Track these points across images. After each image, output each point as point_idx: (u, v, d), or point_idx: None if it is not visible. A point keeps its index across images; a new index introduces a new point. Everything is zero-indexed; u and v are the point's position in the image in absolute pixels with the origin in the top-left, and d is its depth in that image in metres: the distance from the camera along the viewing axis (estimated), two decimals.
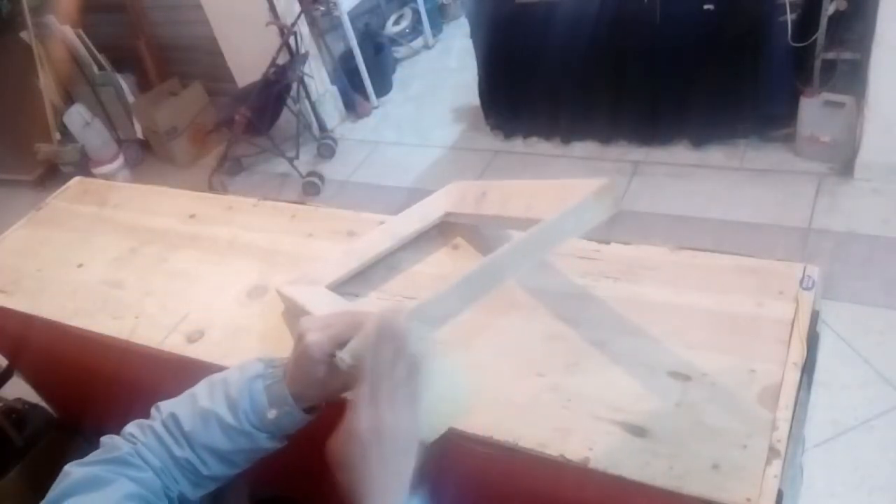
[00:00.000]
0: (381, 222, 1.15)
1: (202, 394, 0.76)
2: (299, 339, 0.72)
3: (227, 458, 0.75)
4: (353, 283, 1.05)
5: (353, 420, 0.64)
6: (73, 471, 0.68)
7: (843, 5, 2.24)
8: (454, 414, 0.72)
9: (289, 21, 3.09)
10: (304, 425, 0.77)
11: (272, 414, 0.73)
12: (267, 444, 0.76)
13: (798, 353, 0.79)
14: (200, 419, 0.74)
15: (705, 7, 2.40)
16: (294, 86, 3.21)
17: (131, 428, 0.75)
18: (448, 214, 1.13)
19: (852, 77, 2.39)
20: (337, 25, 3.56)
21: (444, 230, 1.12)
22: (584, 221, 0.78)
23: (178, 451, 0.73)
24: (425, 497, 0.66)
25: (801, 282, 0.86)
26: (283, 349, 0.98)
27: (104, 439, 0.73)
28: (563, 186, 0.87)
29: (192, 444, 0.73)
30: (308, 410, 0.76)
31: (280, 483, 1.21)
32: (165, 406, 0.76)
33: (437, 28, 4.20)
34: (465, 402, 0.75)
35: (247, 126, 3.11)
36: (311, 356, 0.71)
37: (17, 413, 1.72)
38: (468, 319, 0.95)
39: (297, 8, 3.11)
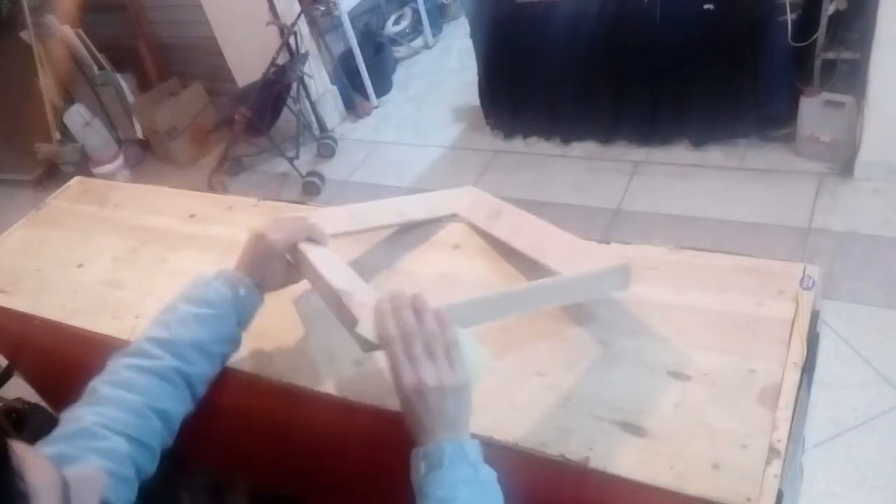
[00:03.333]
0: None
1: (164, 315, 0.87)
2: (260, 238, 0.90)
3: (208, 351, 0.87)
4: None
5: (395, 382, 0.72)
6: (43, 450, 0.69)
7: (843, 5, 2.24)
8: (476, 376, 0.76)
9: (289, 21, 3.09)
10: (257, 311, 0.92)
11: (242, 291, 0.88)
12: (236, 327, 0.90)
13: (798, 353, 0.79)
14: (179, 324, 0.85)
15: (705, 7, 2.40)
16: (294, 86, 3.21)
17: (94, 383, 0.81)
18: (456, 216, 1.13)
19: (852, 77, 2.39)
20: (337, 25, 3.56)
21: (448, 230, 1.13)
22: (599, 290, 0.90)
23: (161, 364, 0.82)
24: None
25: (801, 281, 0.86)
26: (284, 349, 0.98)
27: (65, 414, 0.77)
28: (573, 242, 0.96)
29: (176, 348, 0.83)
30: (262, 293, 0.93)
31: (280, 483, 1.21)
32: (128, 348, 0.84)
33: (437, 28, 4.20)
34: (483, 366, 0.78)
35: (247, 126, 3.11)
36: (273, 251, 0.90)
37: (17, 413, 1.71)
38: None
39: (297, 8, 3.11)
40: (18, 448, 0.50)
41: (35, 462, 0.50)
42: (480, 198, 1.16)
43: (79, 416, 0.75)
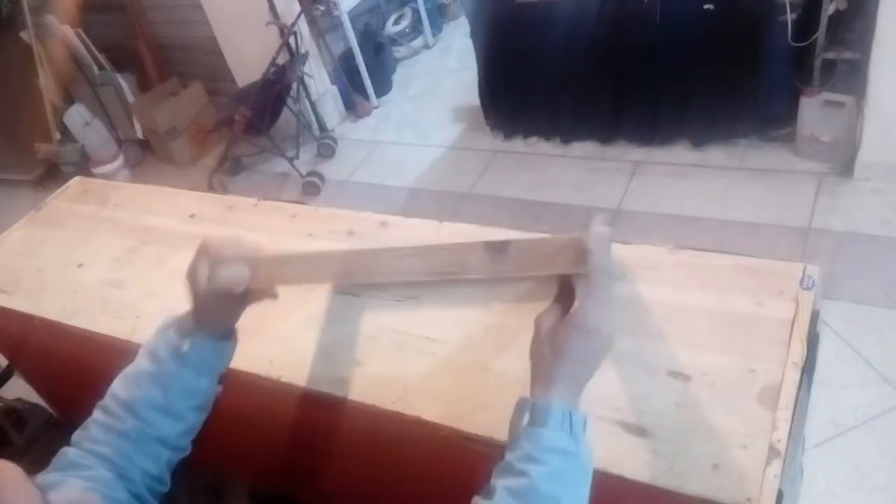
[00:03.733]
0: (382, 223, 1.15)
1: (128, 368, 0.82)
2: (189, 280, 0.81)
3: (169, 410, 0.79)
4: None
5: (584, 309, 0.70)
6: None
7: (843, 5, 2.24)
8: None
9: (289, 21, 3.09)
10: (227, 355, 0.85)
11: (186, 346, 0.80)
12: (195, 381, 0.81)
13: (798, 353, 0.79)
14: (133, 383, 0.79)
15: (705, 7, 2.40)
16: (294, 86, 3.20)
17: (75, 435, 0.78)
18: None
19: (852, 77, 2.39)
20: (337, 25, 3.56)
21: (448, 230, 1.12)
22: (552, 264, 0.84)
23: (121, 425, 0.77)
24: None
25: (801, 281, 0.86)
26: (284, 349, 0.98)
27: (56, 456, 0.76)
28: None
29: (133, 410, 0.77)
30: (222, 339, 0.84)
31: (280, 483, 1.21)
32: (102, 400, 0.81)
33: (437, 28, 4.20)
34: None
35: (247, 126, 3.11)
36: (194, 286, 0.80)
37: (17, 413, 1.71)
38: (468, 318, 0.95)
39: (297, 8, 3.11)
40: (7, 475, 0.49)
41: (22, 491, 0.49)
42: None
43: (64, 452, 0.75)
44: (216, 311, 0.82)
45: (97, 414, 0.79)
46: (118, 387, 0.80)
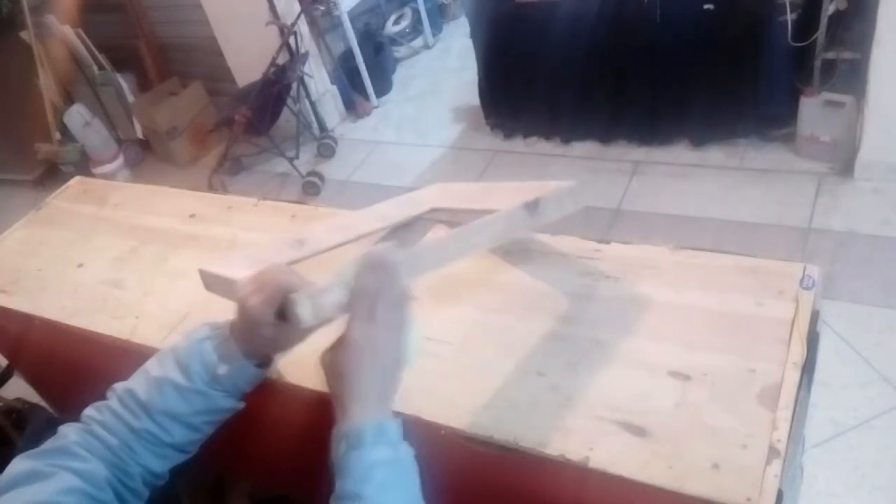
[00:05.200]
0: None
1: (153, 366, 0.79)
2: (241, 304, 0.75)
3: (187, 422, 0.77)
4: None
5: (350, 330, 0.69)
6: (18, 464, 0.68)
7: (843, 5, 2.24)
8: (410, 359, 0.74)
9: (289, 21, 3.09)
10: (258, 381, 0.81)
11: (223, 370, 0.76)
12: (224, 402, 0.79)
13: (798, 352, 0.79)
14: (155, 388, 0.76)
15: (705, 7, 2.40)
16: (294, 86, 3.21)
17: (89, 410, 0.76)
18: (436, 210, 1.13)
19: (852, 77, 2.39)
20: (337, 25, 3.56)
21: (435, 230, 1.13)
22: (551, 212, 0.91)
23: (136, 423, 0.75)
24: (401, 423, 0.69)
25: (801, 281, 0.86)
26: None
27: (60, 428, 0.74)
28: (542, 186, 0.97)
29: (149, 413, 0.75)
30: (261, 365, 0.80)
31: (280, 483, 1.21)
32: (120, 385, 0.78)
33: (437, 28, 4.20)
34: (415, 353, 0.76)
35: (247, 126, 3.11)
36: (255, 320, 0.74)
37: (17, 413, 1.71)
38: (468, 318, 0.95)
39: (297, 8, 3.11)
40: None
41: None
42: (449, 187, 1.20)
43: (66, 433, 0.73)
44: (278, 344, 0.79)
45: (112, 401, 0.76)
46: (139, 384, 0.77)
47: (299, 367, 0.95)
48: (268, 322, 0.73)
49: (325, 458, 0.69)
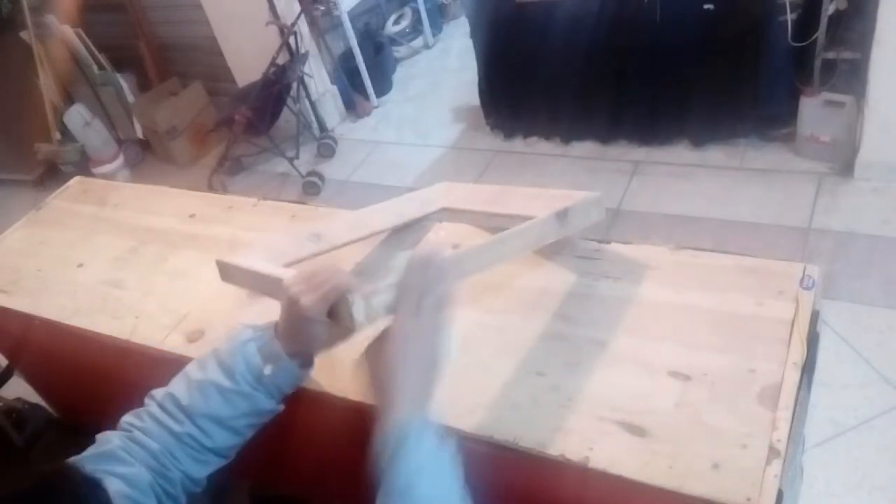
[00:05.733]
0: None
1: (193, 370, 0.79)
2: (293, 302, 0.74)
3: (229, 425, 0.78)
4: None
5: (396, 323, 0.71)
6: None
7: (843, 5, 2.24)
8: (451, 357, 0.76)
9: (289, 21, 3.09)
10: (300, 382, 0.82)
11: (268, 370, 0.77)
12: (266, 404, 0.79)
13: (798, 352, 0.79)
14: (198, 391, 0.76)
15: (705, 7, 2.40)
16: (294, 85, 3.21)
17: (128, 417, 0.76)
18: (446, 209, 1.14)
19: (852, 77, 2.39)
20: (337, 25, 3.56)
21: (448, 230, 1.13)
22: (578, 222, 0.94)
23: (178, 428, 0.75)
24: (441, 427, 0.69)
25: (801, 281, 0.86)
26: None
27: (99, 436, 0.74)
28: (555, 195, 1.00)
29: (192, 417, 0.76)
30: (303, 366, 0.81)
31: (280, 483, 1.21)
32: (159, 391, 0.78)
33: (437, 28, 4.20)
34: (454, 356, 0.79)
35: (247, 126, 3.11)
36: (308, 318, 0.74)
37: (17, 413, 1.71)
38: (468, 318, 0.95)
39: (297, 8, 3.11)
40: None
41: None
42: (457, 187, 1.21)
43: (109, 438, 0.73)
44: (324, 344, 0.80)
45: (152, 407, 0.76)
46: (179, 388, 0.77)
47: None
48: (320, 321, 0.74)
49: (324, 458, 0.69)
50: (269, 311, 0.82)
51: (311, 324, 0.75)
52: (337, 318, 0.74)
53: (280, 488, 1.25)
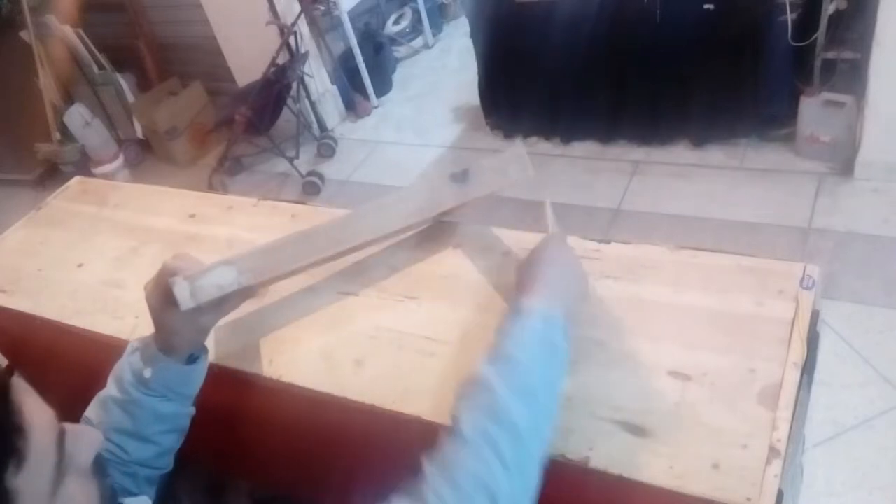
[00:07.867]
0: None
1: (102, 389, 0.81)
2: (148, 305, 0.80)
3: (140, 436, 0.79)
4: (353, 280, 1.05)
5: (549, 242, 0.84)
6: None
7: (843, 5, 2.24)
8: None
9: (289, 21, 3.09)
10: (198, 379, 0.84)
11: (148, 373, 0.78)
12: (164, 407, 0.80)
13: (798, 352, 0.79)
14: (101, 407, 0.79)
15: (705, 7, 2.40)
16: (294, 85, 3.21)
17: None
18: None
19: (852, 77, 2.39)
20: (337, 25, 3.56)
21: (444, 229, 1.13)
22: (488, 180, 0.96)
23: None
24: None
25: (802, 281, 0.86)
26: (283, 349, 0.98)
27: None
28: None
29: (105, 433, 0.77)
30: (189, 361, 0.82)
31: (280, 483, 1.21)
32: (84, 414, 0.81)
33: (437, 28, 4.20)
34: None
35: (247, 126, 3.11)
36: (150, 309, 0.79)
37: None
38: (467, 318, 0.95)
39: (297, 8, 3.11)
40: (19, 385, 0.50)
41: (35, 402, 0.50)
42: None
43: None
44: (184, 333, 0.80)
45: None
46: (92, 409, 0.80)
47: (298, 366, 0.95)
48: (164, 309, 0.77)
49: (324, 458, 0.69)
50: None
51: (159, 314, 0.78)
52: (175, 303, 0.77)
53: (280, 488, 1.25)
